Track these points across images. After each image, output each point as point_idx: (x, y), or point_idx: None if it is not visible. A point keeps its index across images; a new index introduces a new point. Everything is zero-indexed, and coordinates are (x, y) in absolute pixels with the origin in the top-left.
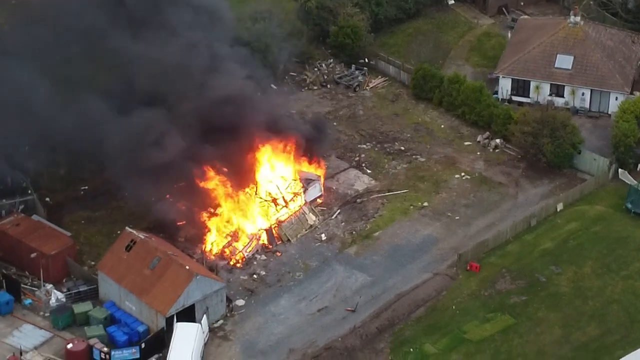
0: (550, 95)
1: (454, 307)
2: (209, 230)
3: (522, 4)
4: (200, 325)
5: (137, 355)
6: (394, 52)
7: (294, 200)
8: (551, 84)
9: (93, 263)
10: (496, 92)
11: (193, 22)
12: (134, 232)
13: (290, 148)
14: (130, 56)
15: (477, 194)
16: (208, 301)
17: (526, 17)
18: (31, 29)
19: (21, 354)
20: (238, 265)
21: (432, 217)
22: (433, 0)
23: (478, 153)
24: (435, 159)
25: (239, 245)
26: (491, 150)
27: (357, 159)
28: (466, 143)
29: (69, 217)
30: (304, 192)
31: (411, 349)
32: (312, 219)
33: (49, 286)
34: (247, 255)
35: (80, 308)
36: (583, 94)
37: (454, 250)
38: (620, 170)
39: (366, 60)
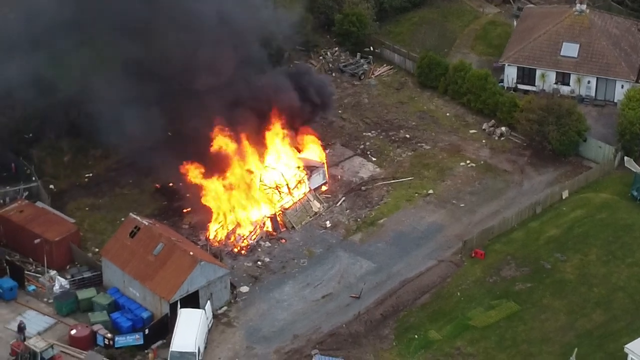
0: (555, 83)
1: (458, 293)
2: (213, 217)
3: None
4: (204, 311)
5: (141, 341)
6: (399, 40)
7: (298, 188)
8: (557, 72)
9: (97, 250)
10: (502, 81)
11: None
12: (138, 218)
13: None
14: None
15: (482, 182)
16: (212, 287)
17: (532, 5)
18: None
19: (24, 334)
20: (242, 252)
21: (437, 205)
22: None
23: (483, 141)
24: (440, 147)
25: (244, 232)
26: (496, 138)
27: (362, 146)
28: (471, 131)
29: (73, 204)
30: (308, 179)
31: (416, 336)
32: (316, 206)
33: (53, 272)
34: (251, 242)
35: (84, 294)
36: (589, 82)
37: (459, 238)
38: (625, 158)
39: (371, 48)
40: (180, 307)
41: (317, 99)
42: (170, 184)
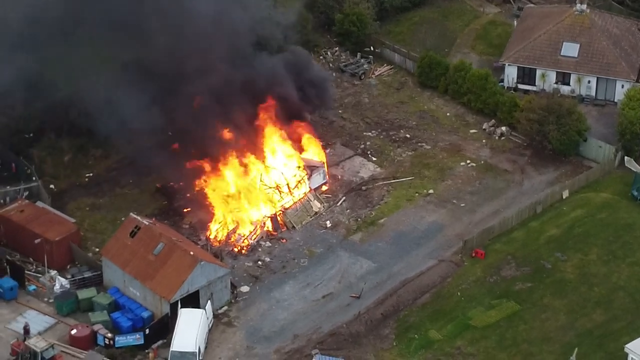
0: (556, 83)
1: (459, 293)
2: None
3: None
4: (204, 311)
5: (141, 341)
6: (400, 40)
7: (298, 187)
8: (557, 72)
9: (97, 250)
10: (502, 80)
11: None
12: (139, 218)
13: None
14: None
15: (483, 181)
16: (212, 287)
17: (532, 5)
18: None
19: (29, 336)
20: (243, 251)
21: (438, 204)
22: None
23: (483, 141)
24: (440, 147)
25: (244, 231)
26: (497, 137)
27: (362, 146)
28: (472, 131)
29: (73, 204)
30: (309, 179)
31: (416, 335)
32: (317, 206)
33: (53, 272)
34: (252, 242)
35: (84, 294)
36: (589, 81)
37: (459, 237)
38: (626, 157)
39: (372, 48)
40: (181, 307)
41: (315, 95)
42: (171, 184)
